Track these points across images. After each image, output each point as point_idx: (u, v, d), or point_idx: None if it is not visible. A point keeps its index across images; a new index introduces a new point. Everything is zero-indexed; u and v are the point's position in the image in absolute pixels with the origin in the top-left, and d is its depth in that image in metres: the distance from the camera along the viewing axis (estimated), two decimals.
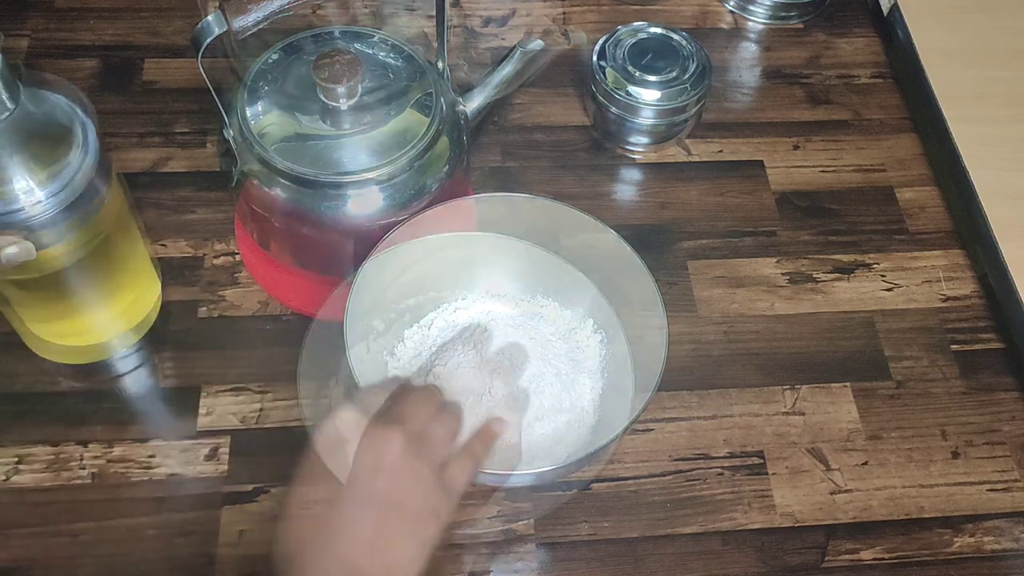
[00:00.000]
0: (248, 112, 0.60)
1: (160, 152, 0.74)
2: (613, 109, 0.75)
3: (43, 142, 0.51)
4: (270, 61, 0.63)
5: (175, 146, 0.75)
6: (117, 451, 0.61)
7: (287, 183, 0.59)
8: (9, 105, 0.49)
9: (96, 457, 0.61)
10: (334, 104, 0.60)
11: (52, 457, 0.61)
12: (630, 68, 0.74)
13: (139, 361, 0.65)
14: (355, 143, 0.60)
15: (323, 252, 0.63)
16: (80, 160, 0.52)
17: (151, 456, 0.61)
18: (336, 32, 0.64)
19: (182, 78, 0.79)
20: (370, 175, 0.59)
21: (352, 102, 0.60)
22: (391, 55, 0.64)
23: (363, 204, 0.60)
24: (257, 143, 0.59)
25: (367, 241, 0.60)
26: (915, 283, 0.72)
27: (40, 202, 0.51)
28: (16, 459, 0.60)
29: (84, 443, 0.61)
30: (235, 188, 0.62)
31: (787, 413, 0.65)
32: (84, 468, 0.60)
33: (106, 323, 0.61)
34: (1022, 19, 0.83)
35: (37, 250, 0.51)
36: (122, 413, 0.63)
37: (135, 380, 0.64)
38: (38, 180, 0.50)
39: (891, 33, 0.84)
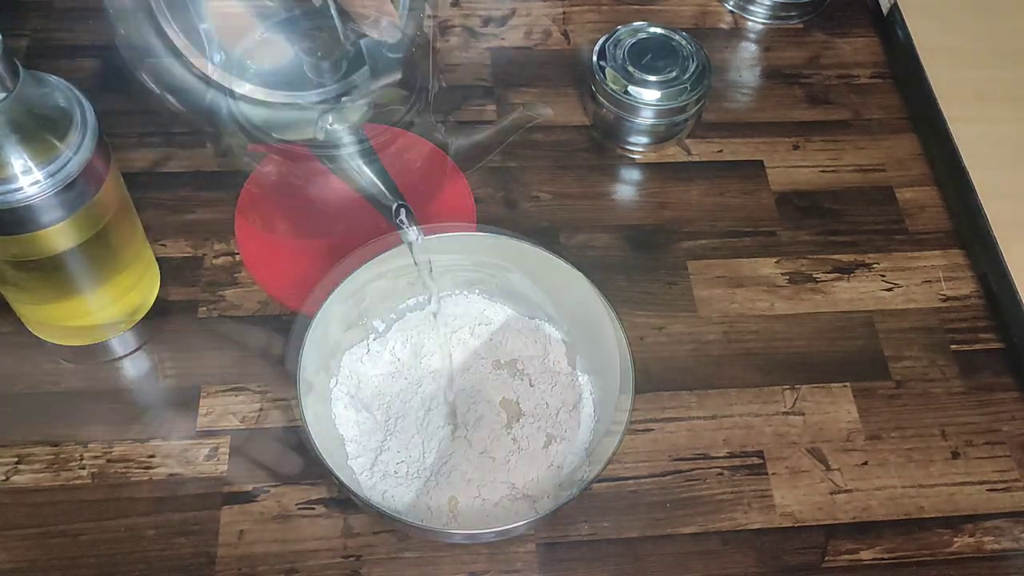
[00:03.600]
0: (236, 89, 0.60)
1: (160, 152, 0.74)
2: (613, 109, 0.75)
3: (42, 122, 0.51)
4: (255, 40, 0.62)
5: (175, 146, 0.75)
6: (117, 451, 0.61)
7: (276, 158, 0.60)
8: (8, 85, 0.49)
9: (96, 457, 0.61)
10: (320, 80, 0.59)
11: (52, 457, 0.61)
12: (630, 68, 0.74)
13: (139, 361, 0.65)
14: (340, 117, 0.59)
15: (324, 220, 0.63)
16: (79, 141, 0.52)
17: (151, 456, 0.61)
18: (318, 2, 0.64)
19: None
20: (353, 148, 0.59)
21: (337, 76, 0.59)
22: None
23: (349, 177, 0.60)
24: (246, 120, 0.59)
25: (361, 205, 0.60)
26: (915, 283, 0.72)
27: (38, 182, 0.51)
28: (16, 459, 0.60)
29: (84, 443, 0.61)
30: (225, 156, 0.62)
31: (787, 413, 0.65)
32: (84, 468, 0.60)
33: (106, 306, 0.61)
34: (1022, 19, 0.83)
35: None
36: (122, 413, 0.63)
37: (135, 380, 0.64)
38: (37, 160, 0.51)
39: (891, 33, 0.84)
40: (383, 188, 0.56)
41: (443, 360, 0.62)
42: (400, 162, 0.62)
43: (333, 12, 0.48)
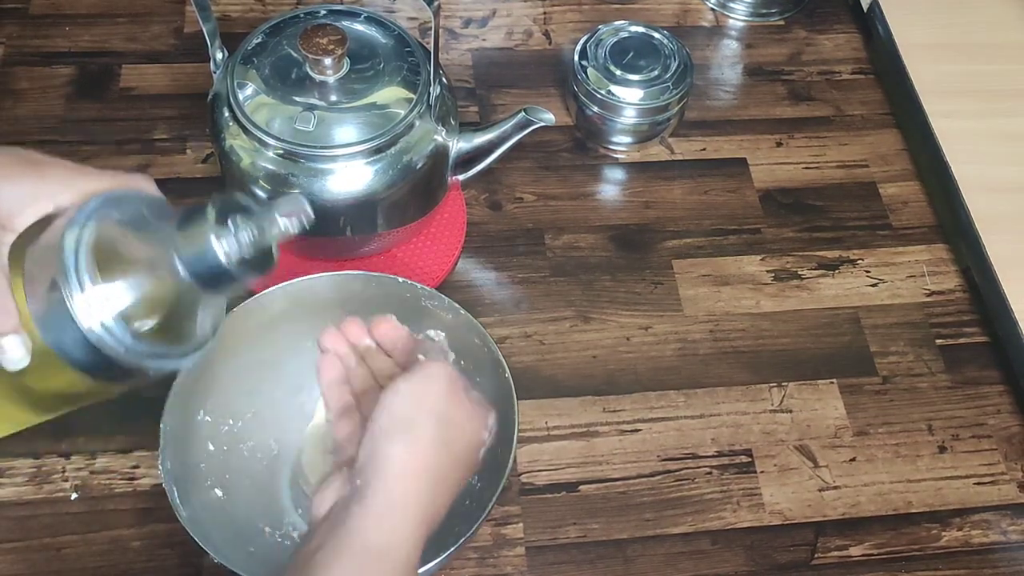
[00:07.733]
0: (238, 89, 0.60)
1: (139, 159, 0.74)
2: (595, 109, 0.75)
3: None
4: (256, 42, 0.62)
5: (154, 153, 0.74)
6: (100, 463, 0.60)
7: (277, 158, 0.60)
8: None
9: (79, 469, 0.60)
10: (321, 77, 0.60)
11: (34, 470, 0.60)
12: (612, 67, 0.74)
13: None
14: (342, 117, 0.60)
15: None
16: None
17: (135, 467, 0.60)
18: (322, 11, 0.64)
19: (160, 84, 0.78)
20: (355, 148, 0.59)
21: (339, 75, 0.60)
22: (379, 32, 0.64)
23: (350, 178, 0.60)
24: (248, 120, 0.60)
25: (355, 215, 0.60)
26: (899, 278, 0.72)
27: None
28: None
29: (66, 455, 0.61)
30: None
31: (774, 411, 0.65)
32: (67, 480, 0.60)
33: None
34: (1001, 14, 0.83)
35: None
36: (104, 424, 0.62)
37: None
38: None
39: (871, 29, 0.84)
40: None
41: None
42: (401, 163, 0.62)
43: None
